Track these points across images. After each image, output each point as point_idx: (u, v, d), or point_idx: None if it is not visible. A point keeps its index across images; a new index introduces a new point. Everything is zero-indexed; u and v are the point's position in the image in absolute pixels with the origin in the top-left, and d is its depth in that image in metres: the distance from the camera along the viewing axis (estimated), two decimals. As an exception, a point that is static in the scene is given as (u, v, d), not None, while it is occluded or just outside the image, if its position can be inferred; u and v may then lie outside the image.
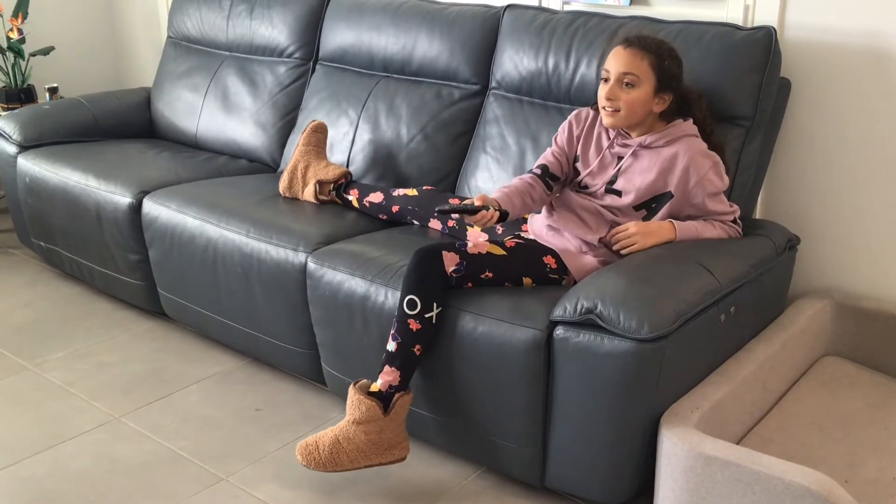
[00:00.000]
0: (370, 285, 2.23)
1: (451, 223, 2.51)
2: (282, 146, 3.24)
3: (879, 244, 2.44)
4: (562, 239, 2.22)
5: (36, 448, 2.33)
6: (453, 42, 2.83)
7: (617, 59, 2.11)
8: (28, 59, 3.84)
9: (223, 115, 3.39)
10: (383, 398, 2.06)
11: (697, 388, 1.99)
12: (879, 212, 2.42)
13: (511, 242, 2.18)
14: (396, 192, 2.63)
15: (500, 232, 2.41)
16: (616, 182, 2.18)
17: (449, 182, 2.79)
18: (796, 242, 2.39)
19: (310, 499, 2.12)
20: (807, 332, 2.33)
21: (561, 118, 2.33)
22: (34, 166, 3.20)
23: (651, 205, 2.16)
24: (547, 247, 2.20)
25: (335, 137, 3.00)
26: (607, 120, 2.15)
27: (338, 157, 2.98)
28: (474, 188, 2.70)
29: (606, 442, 1.93)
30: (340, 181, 2.73)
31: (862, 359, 2.43)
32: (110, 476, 2.21)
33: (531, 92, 2.67)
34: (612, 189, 2.19)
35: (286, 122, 3.25)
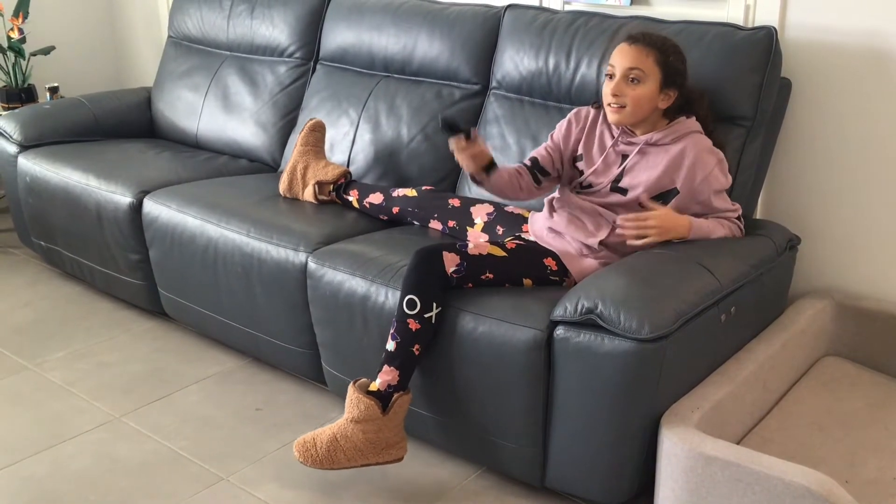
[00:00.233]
0: (370, 285, 2.23)
1: (452, 223, 2.51)
2: (282, 146, 3.24)
3: (880, 244, 2.44)
4: (562, 241, 2.21)
5: (36, 448, 2.33)
6: (454, 42, 2.83)
7: (622, 55, 2.11)
8: (28, 59, 3.84)
9: (224, 115, 3.39)
10: (382, 397, 2.06)
11: (698, 389, 1.99)
12: (880, 212, 2.42)
13: (512, 244, 2.18)
14: (396, 193, 2.63)
15: (501, 233, 2.41)
16: (621, 180, 2.18)
17: (449, 182, 2.79)
18: (797, 242, 2.39)
19: (310, 499, 2.12)
20: (807, 333, 2.33)
21: (561, 118, 2.33)
22: (35, 166, 3.20)
23: (657, 202, 2.15)
24: (547, 249, 2.20)
25: (336, 137, 3.00)
26: (613, 117, 2.14)
27: (338, 157, 2.98)
28: (474, 188, 2.69)
29: (607, 442, 1.93)
30: (340, 181, 2.73)
31: (862, 359, 2.43)
32: (110, 476, 2.21)
33: (532, 92, 2.67)
34: (618, 187, 2.18)
35: (287, 122, 3.25)
